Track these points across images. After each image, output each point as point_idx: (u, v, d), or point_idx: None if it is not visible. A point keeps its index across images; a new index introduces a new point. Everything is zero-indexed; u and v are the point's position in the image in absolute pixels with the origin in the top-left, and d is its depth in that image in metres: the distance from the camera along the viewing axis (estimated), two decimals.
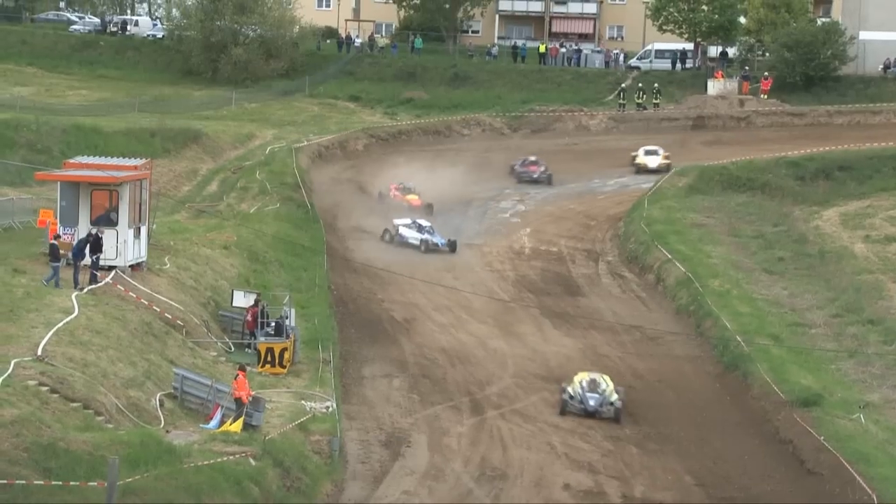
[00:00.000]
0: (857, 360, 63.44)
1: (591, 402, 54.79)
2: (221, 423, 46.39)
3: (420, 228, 78.56)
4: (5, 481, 37.82)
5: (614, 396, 55.57)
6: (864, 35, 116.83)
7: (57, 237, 54.90)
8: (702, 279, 72.07)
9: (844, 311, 69.54)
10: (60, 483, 37.74)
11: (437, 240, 78.70)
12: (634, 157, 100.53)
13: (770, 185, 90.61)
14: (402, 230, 78.59)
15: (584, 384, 55.93)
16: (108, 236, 56.11)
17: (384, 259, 74.29)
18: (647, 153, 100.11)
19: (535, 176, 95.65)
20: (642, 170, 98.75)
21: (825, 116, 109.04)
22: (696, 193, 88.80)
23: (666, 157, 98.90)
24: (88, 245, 54.87)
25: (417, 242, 78.04)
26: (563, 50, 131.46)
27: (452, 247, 79.08)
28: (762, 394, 57.80)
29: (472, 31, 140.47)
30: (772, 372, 59.42)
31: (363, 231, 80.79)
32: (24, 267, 54.74)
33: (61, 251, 54.57)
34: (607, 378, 56.66)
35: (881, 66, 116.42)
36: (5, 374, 42.53)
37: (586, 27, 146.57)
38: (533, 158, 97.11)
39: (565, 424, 54.32)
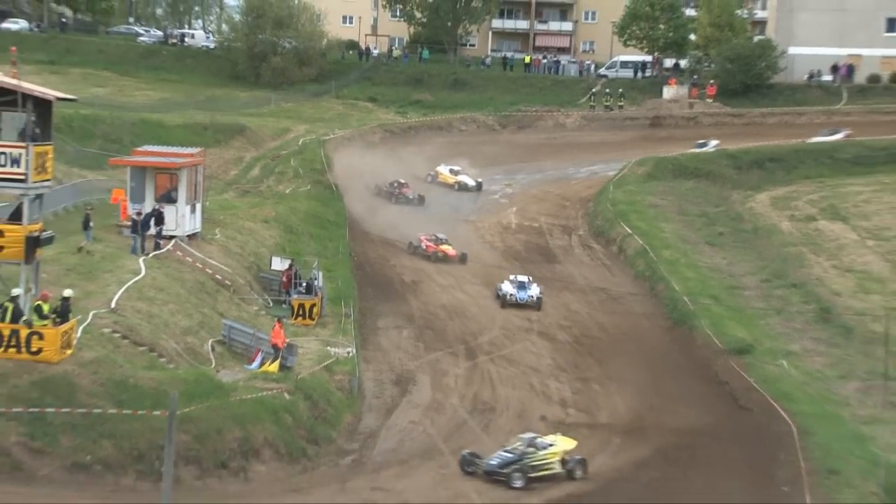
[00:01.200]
0: (782, 316, 63.73)
1: None
2: (262, 364, 46.78)
3: (520, 286, 63.57)
4: (85, 410, 38.27)
5: None
6: (792, 50, 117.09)
7: (138, 213, 55.26)
8: (656, 250, 72.28)
9: (772, 277, 69.86)
10: (130, 412, 38.23)
11: (520, 294, 63.58)
12: (437, 175, 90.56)
13: (713, 174, 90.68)
14: (504, 285, 64.19)
15: None
16: (169, 211, 56.44)
17: (402, 233, 74.67)
18: (454, 172, 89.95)
19: (410, 197, 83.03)
20: (463, 188, 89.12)
21: (759, 117, 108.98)
22: (652, 180, 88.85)
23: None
24: (153, 218, 55.27)
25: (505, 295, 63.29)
26: (545, 61, 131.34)
27: (537, 304, 63.45)
28: (704, 344, 58.12)
29: (470, 45, 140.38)
30: (712, 326, 59.76)
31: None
32: (100, 236, 54.88)
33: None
34: None
35: (806, 76, 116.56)
36: (85, 323, 42.94)
37: (563, 42, 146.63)
38: (403, 181, 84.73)
39: (543, 369, 54.63)
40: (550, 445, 42.63)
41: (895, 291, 67.18)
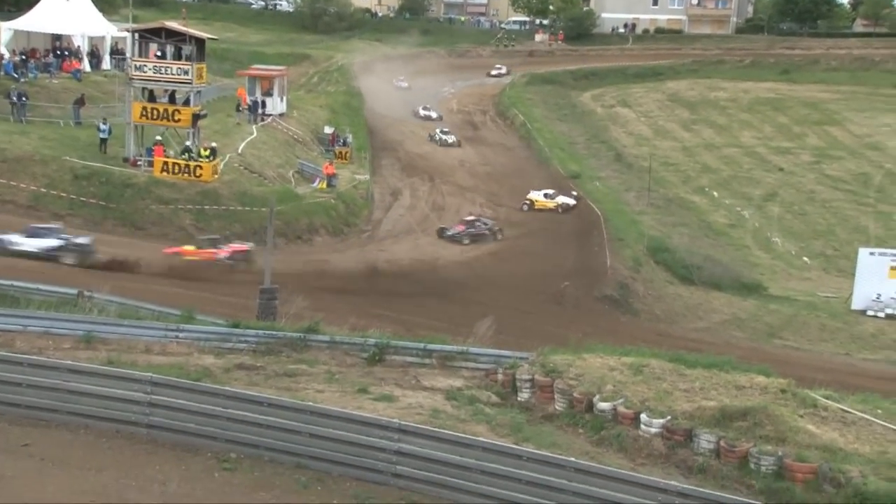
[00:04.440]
0: (596, 158, 63.86)
1: None
2: (319, 184, 46.33)
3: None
4: (225, 207, 37.94)
5: None
6: (604, 15, 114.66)
7: (252, 101, 54.00)
8: (531, 122, 71.47)
9: (592, 138, 69.66)
10: (249, 208, 37.91)
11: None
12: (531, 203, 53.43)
13: (562, 82, 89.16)
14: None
15: None
16: (269, 101, 55.07)
17: (393, 114, 73.11)
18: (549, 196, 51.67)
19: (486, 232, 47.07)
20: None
21: (585, 51, 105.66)
22: (530, 85, 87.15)
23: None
24: (260, 104, 54.11)
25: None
26: (472, 19, 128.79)
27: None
28: (556, 171, 58.00)
29: (432, 10, 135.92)
30: (560, 162, 59.71)
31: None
32: (232, 113, 53.70)
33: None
34: None
35: (611, 29, 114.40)
36: (224, 160, 42.30)
37: (482, 10, 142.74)
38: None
39: (470, 186, 54.26)
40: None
41: (654, 145, 67.24)
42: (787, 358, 30.46)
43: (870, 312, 36.49)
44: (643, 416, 16.56)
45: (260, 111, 53.54)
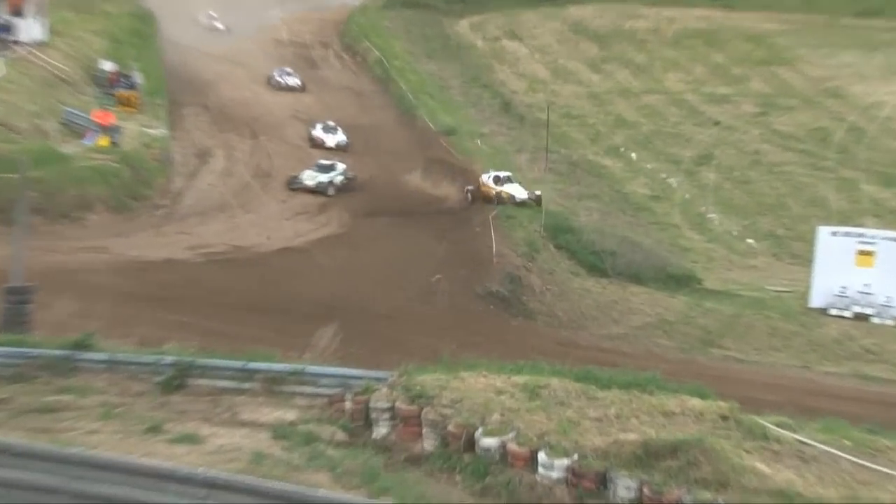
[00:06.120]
0: (477, 108, 64.90)
1: None
2: (95, 141, 45.29)
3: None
4: None
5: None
6: None
7: None
8: (389, 60, 71.75)
9: (471, 80, 70.71)
10: None
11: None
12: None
13: (430, 5, 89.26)
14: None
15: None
16: (20, 23, 52.91)
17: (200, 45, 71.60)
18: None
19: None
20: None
21: None
22: (386, 9, 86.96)
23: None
24: (7, 28, 52.28)
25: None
26: None
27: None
28: (424, 126, 58.72)
29: None
30: (428, 114, 60.20)
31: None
32: None
33: None
34: None
35: None
36: None
37: None
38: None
39: (305, 146, 54.04)
40: None
41: (553, 90, 68.53)
42: (728, 373, 31.47)
43: (833, 311, 37.95)
44: (541, 456, 16.68)
45: (7, 37, 51.58)
